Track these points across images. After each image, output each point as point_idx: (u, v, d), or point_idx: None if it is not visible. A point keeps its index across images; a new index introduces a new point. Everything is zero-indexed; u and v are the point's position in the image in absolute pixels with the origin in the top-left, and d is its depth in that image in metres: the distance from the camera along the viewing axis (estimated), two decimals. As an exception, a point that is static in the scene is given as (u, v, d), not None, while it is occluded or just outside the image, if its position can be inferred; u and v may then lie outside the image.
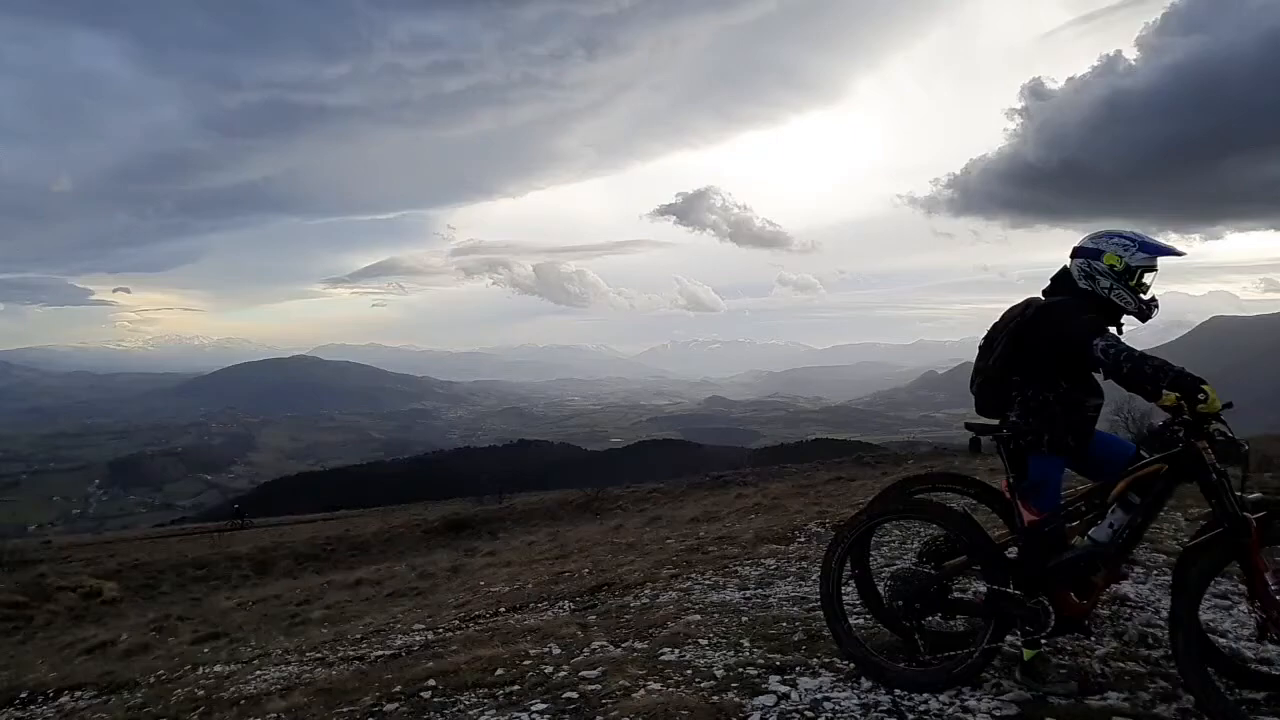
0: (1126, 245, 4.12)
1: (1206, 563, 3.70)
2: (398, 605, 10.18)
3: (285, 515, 54.54)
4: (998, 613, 3.99)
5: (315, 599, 13.01)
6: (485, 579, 10.66)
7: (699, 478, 30.52)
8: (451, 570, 13.54)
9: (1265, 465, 15.99)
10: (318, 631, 8.57)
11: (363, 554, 23.69)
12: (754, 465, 47.25)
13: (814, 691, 4.06)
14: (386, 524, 30.08)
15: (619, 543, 11.72)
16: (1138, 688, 4.15)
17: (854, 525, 4.34)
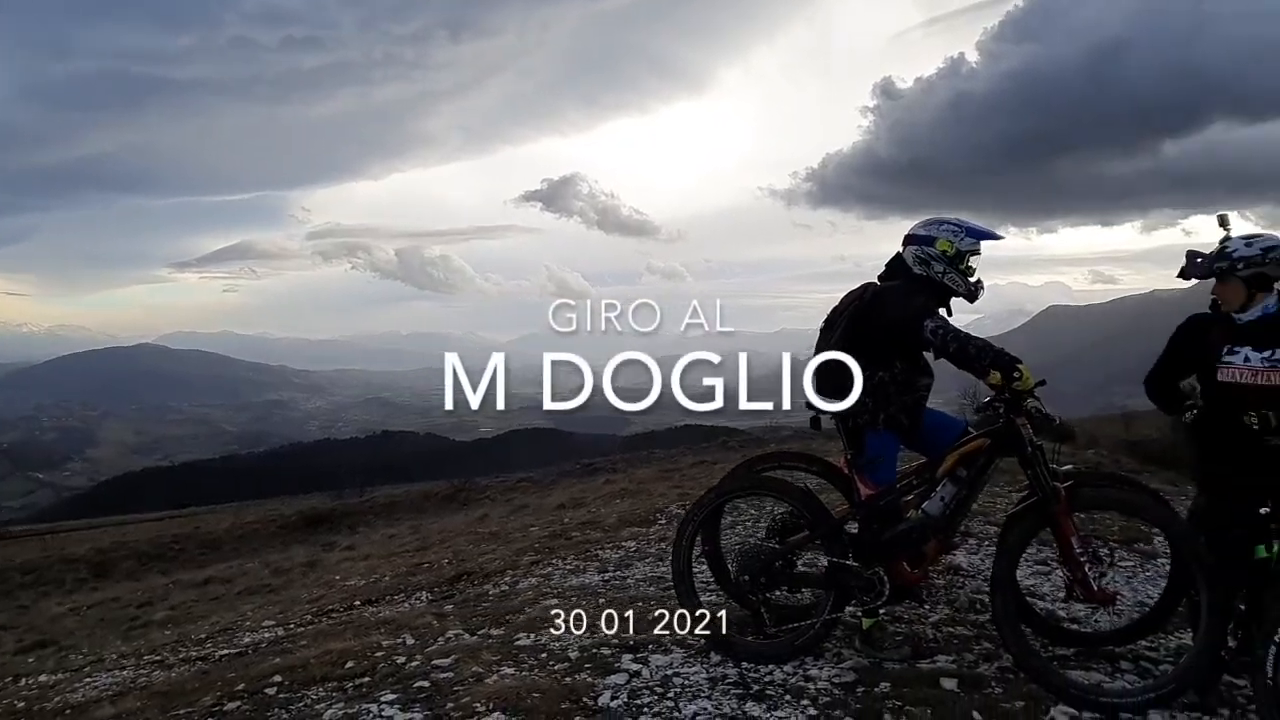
0: (956, 231, 4.36)
1: (1021, 529, 3.99)
2: (248, 603, 9.82)
3: (130, 514, 51.52)
4: (838, 584, 4.17)
5: (159, 600, 12.40)
6: (342, 573, 10.40)
7: (569, 466, 30.50)
8: (308, 566, 13.14)
9: (1092, 443, 17.25)
10: (159, 634, 8.18)
11: (213, 552, 22.64)
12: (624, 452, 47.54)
13: (665, 668, 4.16)
14: (240, 520, 28.81)
15: (482, 532, 11.64)
16: (965, 650, 4.43)
17: (702, 504, 4.45)
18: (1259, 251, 3.76)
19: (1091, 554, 3.98)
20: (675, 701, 3.77)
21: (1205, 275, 3.87)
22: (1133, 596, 5.34)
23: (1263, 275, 3.78)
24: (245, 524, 26.93)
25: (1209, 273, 3.85)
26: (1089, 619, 4.64)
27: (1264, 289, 3.81)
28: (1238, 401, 3.81)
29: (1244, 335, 3.83)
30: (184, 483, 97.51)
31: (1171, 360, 4.09)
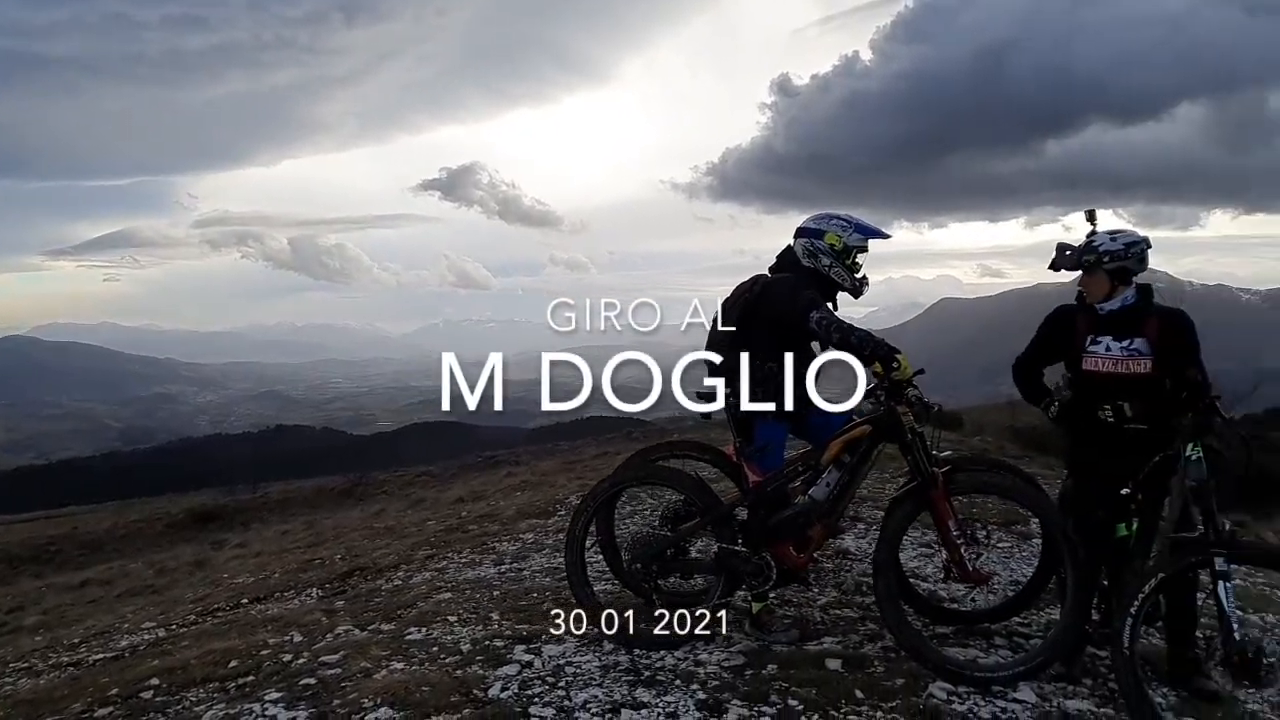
0: (845, 227, 4.47)
1: (902, 514, 4.13)
2: (128, 605, 9.41)
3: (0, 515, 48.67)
4: (727, 570, 4.25)
5: (30, 605, 11.76)
6: (230, 571, 10.06)
7: (471, 459, 30.14)
8: (195, 565, 12.67)
9: (978, 430, 17.94)
10: (29, 640, 7.76)
11: (93, 553, 21.59)
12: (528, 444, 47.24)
13: (557, 658, 4.16)
14: (123, 519, 27.55)
15: (378, 527, 11.41)
16: (850, 631, 4.57)
17: (595, 495, 4.46)
18: (1122, 246, 3.97)
19: (968, 536, 4.15)
20: (567, 690, 3.78)
21: (1074, 267, 4.06)
22: (1008, 576, 5.59)
23: (1124, 269, 3.99)
24: (129, 523, 25.80)
25: (1077, 265, 4.04)
26: (967, 598, 4.83)
27: (1125, 282, 4.02)
28: (1101, 389, 4.02)
29: (1106, 325, 4.05)
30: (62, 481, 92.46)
31: (1039, 349, 4.29)
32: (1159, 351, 3.95)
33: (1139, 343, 3.99)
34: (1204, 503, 3.52)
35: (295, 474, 58.02)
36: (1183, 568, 3.55)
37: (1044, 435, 14.97)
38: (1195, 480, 3.57)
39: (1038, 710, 3.68)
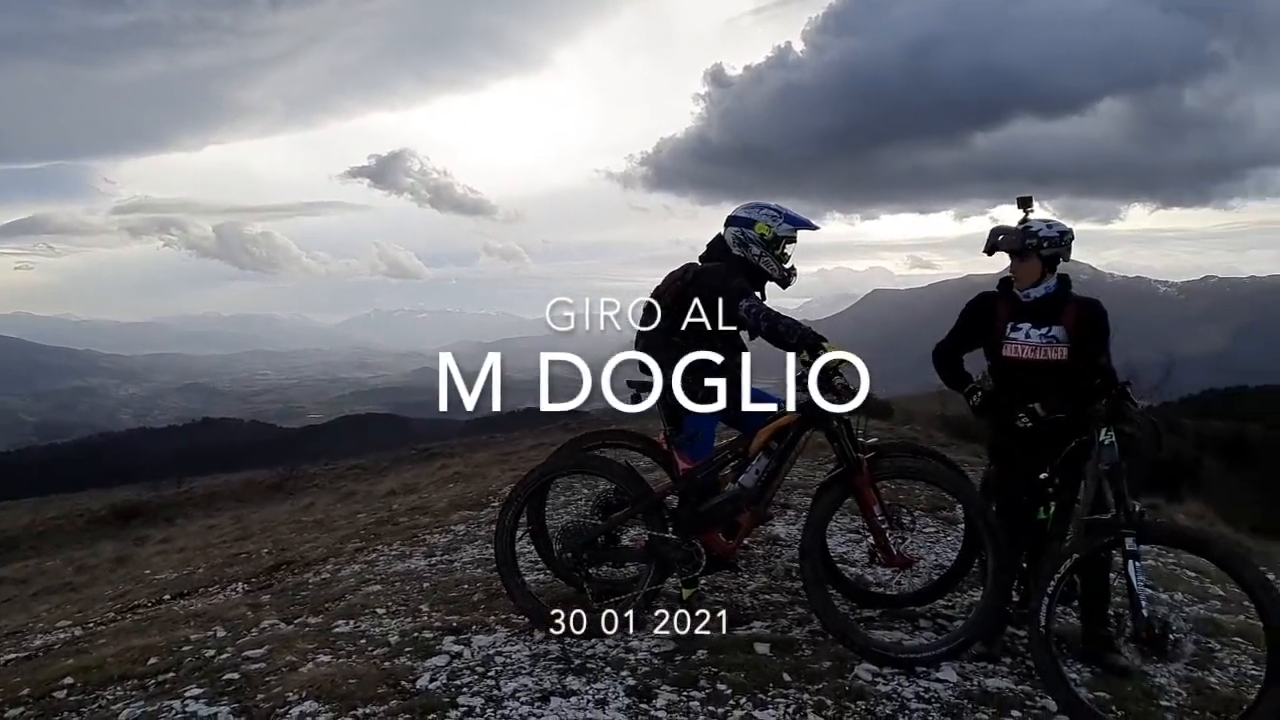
0: (775, 217, 4.51)
1: (828, 499, 4.19)
2: (44, 604, 9.09)
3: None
4: (657, 557, 4.26)
5: (-62, 607, 11.28)
6: (153, 568, 9.78)
7: (404, 451, 29.76)
8: (116, 562, 12.28)
9: (909, 418, 18.31)
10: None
11: (8, 552, 20.78)
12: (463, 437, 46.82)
13: (487, 648, 4.14)
14: (40, 516, 26.57)
15: (306, 521, 11.22)
16: (779, 615, 4.63)
17: (525, 484, 4.44)
18: (1057, 234, 4.08)
19: (893, 521, 4.23)
20: (496, 680, 3.76)
21: (1014, 249, 4.11)
22: (934, 560, 5.71)
23: (1056, 256, 4.11)
24: (46, 520, 24.94)
25: (1020, 247, 4.09)
26: (893, 582, 4.93)
27: (1053, 270, 4.13)
28: (1020, 374, 4.13)
29: (1027, 313, 4.15)
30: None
31: (959, 335, 4.38)
32: (1075, 339, 4.08)
33: (1057, 330, 4.11)
34: (1116, 485, 3.64)
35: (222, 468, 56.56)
36: (1095, 548, 3.67)
37: (971, 423, 15.36)
38: (1108, 464, 3.69)
39: (959, 689, 3.78)
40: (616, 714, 3.46)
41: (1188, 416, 39.77)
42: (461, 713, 3.45)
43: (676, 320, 4.47)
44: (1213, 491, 19.50)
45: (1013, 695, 3.74)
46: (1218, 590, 5.51)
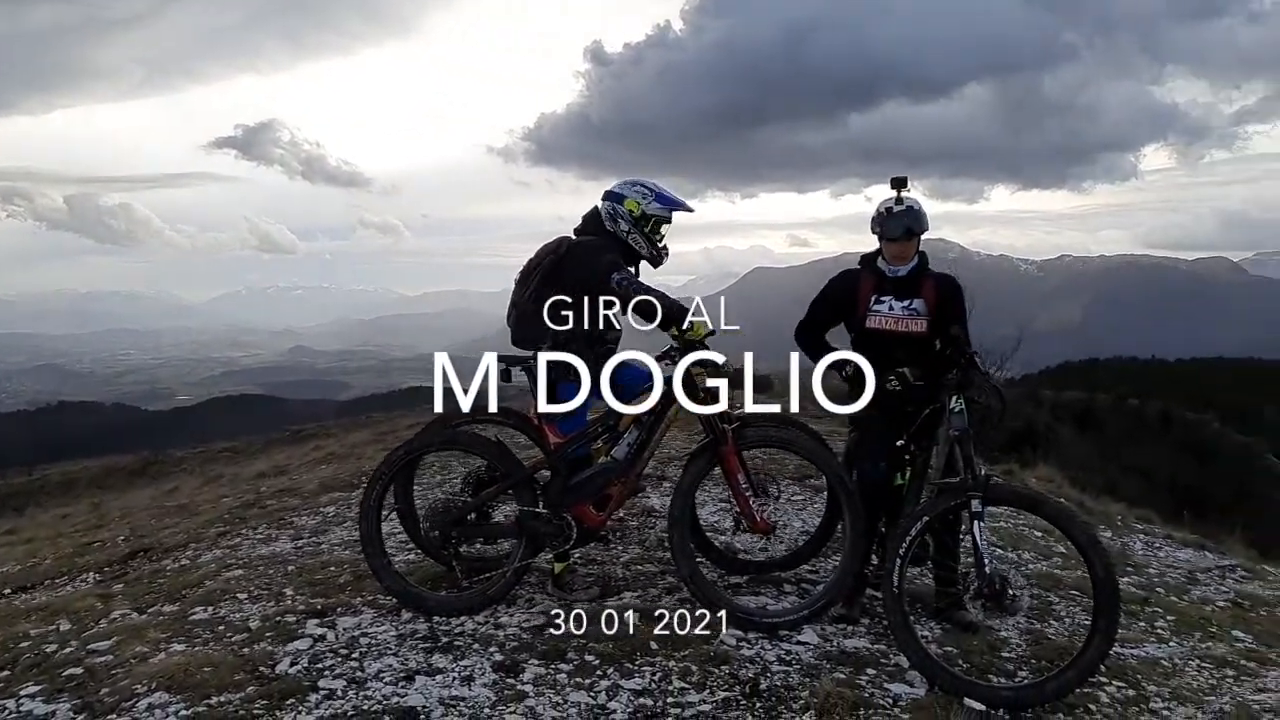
0: (645, 194, 4.51)
1: (695, 469, 4.27)
2: None
3: None
4: (528, 532, 4.25)
5: None
6: (-4, 560, 9.18)
7: (277, 433, 28.76)
8: (-45, 556, 11.48)
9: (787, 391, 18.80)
10: None
11: None
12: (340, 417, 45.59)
13: (352, 629, 4.05)
14: None
15: (169, 506, 10.72)
16: (650, 586, 4.69)
17: (391, 462, 4.35)
18: (926, 215, 4.24)
19: (758, 488, 4.34)
20: (360, 661, 3.69)
21: (922, 231, 4.24)
22: (800, 526, 5.89)
23: (922, 235, 4.28)
24: (-124, 514, 23.09)
25: (913, 229, 4.22)
26: (760, 549, 5.06)
27: (918, 248, 4.30)
28: (883, 345, 4.29)
29: (890, 287, 4.31)
30: None
31: (822, 309, 4.51)
32: (934, 312, 4.26)
33: (917, 303, 4.28)
34: (965, 450, 3.83)
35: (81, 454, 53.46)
36: (944, 511, 3.85)
37: (844, 397, 15.86)
38: (958, 430, 3.87)
39: (819, 650, 3.92)
40: (482, 690, 3.44)
41: (1046, 387, 42.18)
42: (322, 696, 3.37)
43: (549, 293, 4.45)
44: (1066, 456, 20.75)
45: (869, 654, 3.91)
46: (1059, 548, 5.87)
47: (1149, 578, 5.93)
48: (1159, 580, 5.88)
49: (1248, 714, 3.64)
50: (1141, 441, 37.95)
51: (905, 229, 4.23)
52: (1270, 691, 3.95)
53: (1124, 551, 6.80)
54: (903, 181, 4.27)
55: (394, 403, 68.77)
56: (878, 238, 4.32)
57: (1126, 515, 8.71)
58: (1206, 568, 6.49)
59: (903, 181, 4.27)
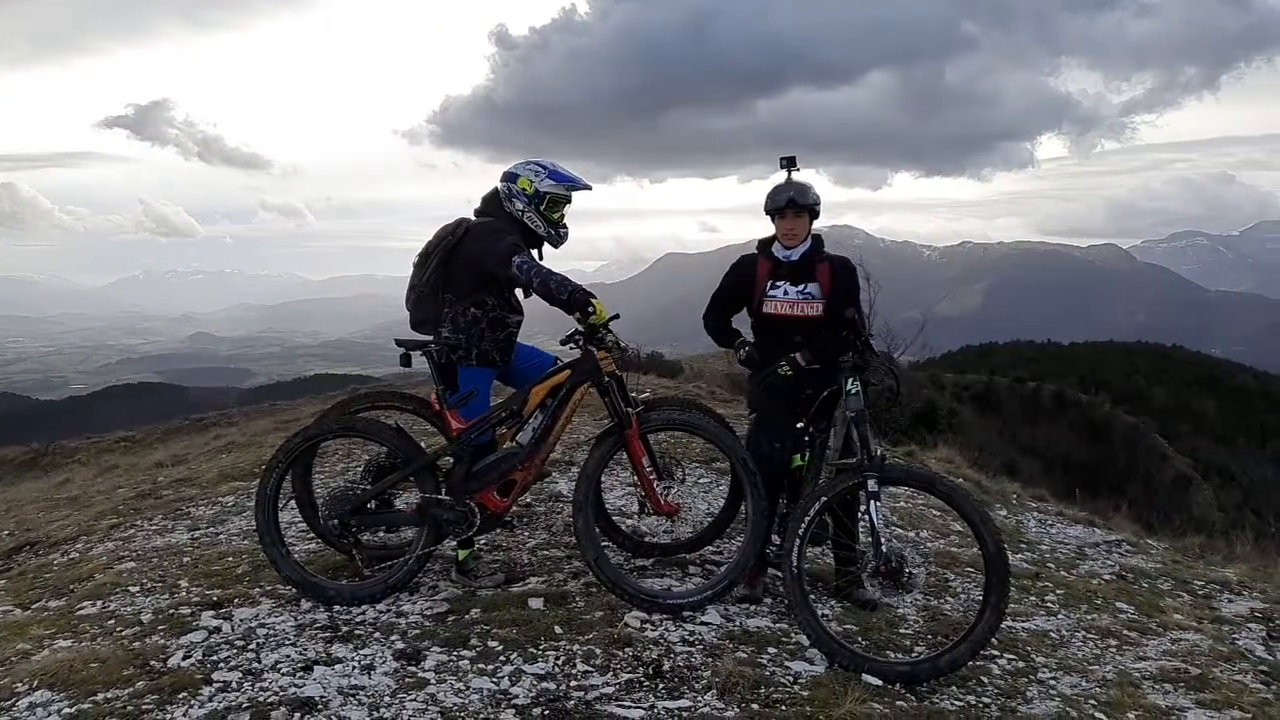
0: (538, 171, 4.47)
1: (599, 453, 4.28)
2: None
3: None
4: (430, 519, 4.20)
5: None
6: None
7: (177, 422, 27.75)
8: None
9: (698, 376, 18.94)
10: None
11: None
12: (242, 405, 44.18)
13: (249, 621, 3.96)
14: None
15: (59, 498, 10.24)
16: (556, 570, 4.69)
17: (287, 450, 4.24)
18: (819, 194, 4.30)
19: (661, 471, 4.37)
20: (257, 652, 3.60)
21: (805, 203, 4.26)
22: (705, 508, 5.96)
23: (816, 215, 4.33)
24: None
25: (807, 201, 4.26)
26: (666, 531, 5.10)
27: (809, 228, 4.37)
28: (780, 329, 4.36)
29: (785, 272, 4.37)
30: None
31: (725, 295, 4.57)
32: (829, 295, 4.34)
33: (812, 287, 4.36)
34: (861, 431, 3.92)
35: (-36, 446, 50.48)
36: (841, 491, 3.93)
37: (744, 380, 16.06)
38: (854, 411, 3.95)
39: (722, 630, 3.98)
40: (383, 678, 3.39)
41: (947, 370, 43.51)
42: (216, 689, 3.28)
43: (448, 276, 4.39)
44: (966, 437, 21.45)
45: (770, 633, 3.98)
46: (956, 526, 6.07)
47: (1041, 554, 6.18)
48: (1050, 556, 6.14)
49: (1129, 681, 3.84)
50: (1038, 422, 39.56)
51: (788, 199, 4.28)
52: (1150, 659, 4.17)
53: (1018, 529, 7.07)
54: (791, 161, 4.33)
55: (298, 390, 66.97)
56: (770, 218, 4.38)
57: (1022, 494, 9.05)
58: (1095, 543, 6.80)
59: (791, 161, 4.33)
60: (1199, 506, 24.29)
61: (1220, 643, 4.44)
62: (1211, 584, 5.62)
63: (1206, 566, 6.31)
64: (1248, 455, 38.84)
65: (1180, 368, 67.37)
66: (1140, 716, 3.47)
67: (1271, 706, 3.64)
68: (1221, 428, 52.55)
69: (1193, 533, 8.63)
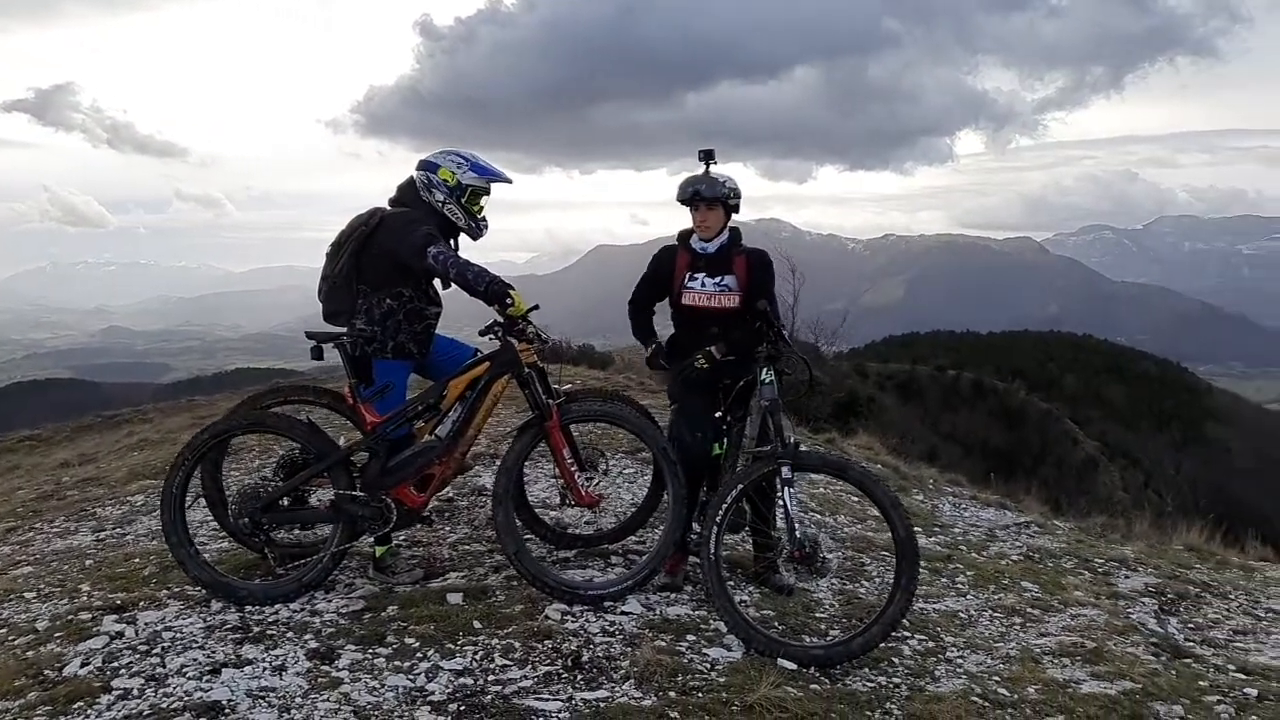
0: (460, 163, 4.41)
1: (519, 445, 4.25)
2: None
3: None
4: (345, 516, 4.12)
5: None
6: None
7: (88, 419, 26.74)
8: None
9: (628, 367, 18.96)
10: None
11: None
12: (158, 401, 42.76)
13: (155, 624, 3.83)
14: None
15: (-46, 502, 9.79)
16: (477, 565, 4.65)
17: (194, 446, 4.11)
18: (736, 187, 4.31)
19: (582, 463, 4.36)
20: (162, 657, 3.48)
21: (714, 196, 4.26)
22: (630, 499, 5.97)
23: (734, 209, 4.36)
24: None
25: (716, 194, 4.26)
26: (589, 522, 5.09)
27: (728, 222, 4.39)
28: (698, 321, 4.39)
29: (703, 264, 4.40)
30: None
31: (648, 286, 4.59)
32: (746, 287, 4.38)
33: (729, 279, 4.39)
34: (775, 419, 3.96)
35: None
36: (756, 478, 3.98)
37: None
38: (768, 400, 4.00)
39: (642, 619, 3.99)
40: (294, 679, 3.32)
41: (871, 360, 44.44)
42: (115, 696, 3.17)
43: (360, 267, 4.31)
44: (889, 425, 21.93)
45: (690, 620, 4.01)
46: (874, 511, 6.18)
47: (954, 536, 6.35)
48: (962, 539, 6.31)
49: (1030, 657, 3.97)
50: (958, 409, 40.68)
51: (694, 191, 4.29)
52: (1050, 635, 4.32)
53: (933, 513, 7.25)
54: (710, 154, 4.34)
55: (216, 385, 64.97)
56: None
57: (938, 479, 9.28)
58: (1005, 525, 7.01)
59: (710, 154, 4.34)
60: (1105, 487, 25.30)
61: (1116, 617, 4.62)
62: (1111, 561, 5.84)
63: (1107, 545, 6.56)
64: (1150, 439, 40.57)
65: (1090, 356, 70.09)
66: (1039, 690, 3.57)
67: (1160, 676, 3.80)
68: (1128, 413, 54.83)
69: (1097, 513, 8.98)
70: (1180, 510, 9.81)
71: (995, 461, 23.00)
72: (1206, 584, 5.60)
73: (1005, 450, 34.23)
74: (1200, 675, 3.91)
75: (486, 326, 4.23)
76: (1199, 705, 3.56)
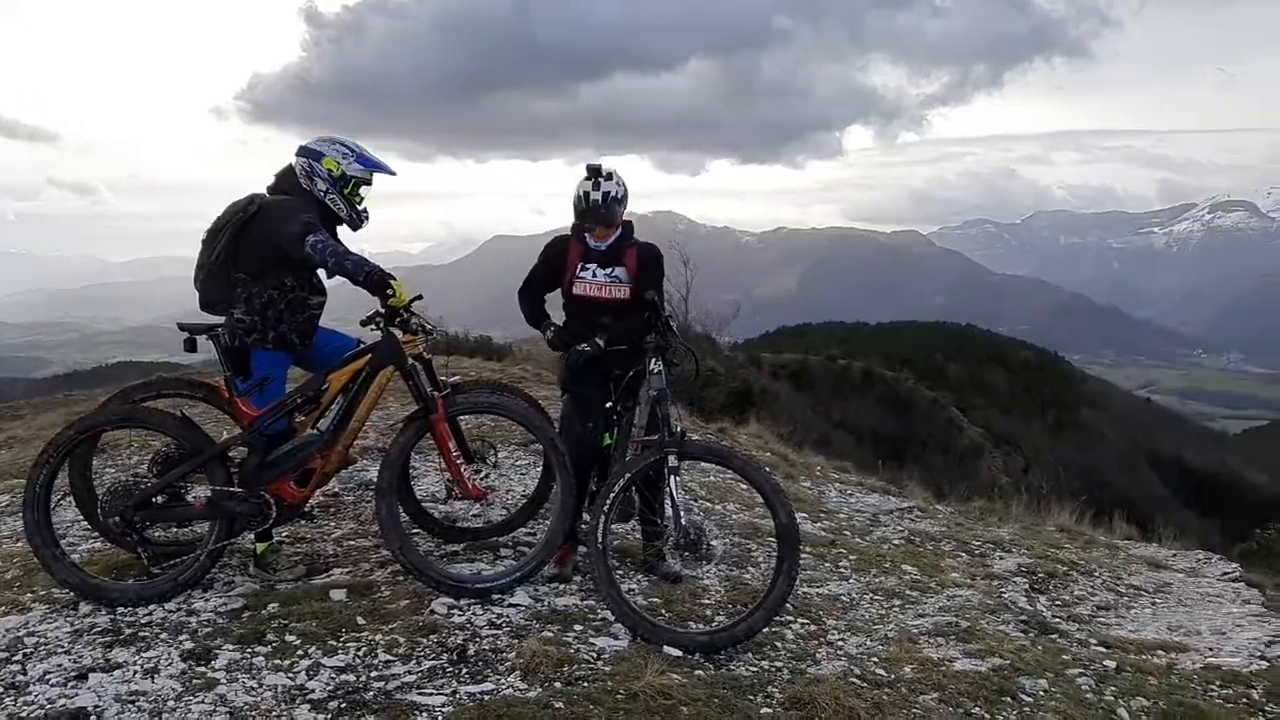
0: (346, 154, 4.32)
1: (404, 438, 4.20)
2: None
3: None
4: (222, 513, 4.00)
5: None
6: None
7: (-52, 416, 25.06)
8: None
9: (527, 358, 18.84)
10: None
11: None
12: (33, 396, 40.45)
13: (16, 630, 3.65)
14: None
15: None
16: (362, 560, 4.58)
17: (59, 442, 3.92)
18: (625, 195, 4.38)
19: (469, 455, 4.34)
20: (23, 664, 3.33)
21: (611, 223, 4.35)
22: (523, 491, 5.96)
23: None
24: None
25: (614, 220, 4.34)
26: (479, 515, 5.07)
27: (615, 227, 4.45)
28: (589, 310, 4.42)
29: (595, 255, 4.44)
30: None
31: (538, 276, 4.60)
32: (635, 279, 4.43)
33: (620, 270, 4.44)
34: (663, 409, 4.03)
35: None
36: (644, 467, 4.03)
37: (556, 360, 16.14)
38: (656, 390, 4.06)
39: (530, 611, 4.00)
40: (168, 681, 3.22)
41: (764, 350, 45.27)
42: (-31, 708, 3.02)
43: (237, 255, 4.17)
44: (782, 414, 22.39)
45: (578, 611, 4.04)
46: (761, 499, 6.33)
47: (839, 522, 6.55)
48: (847, 524, 6.52)
49: (907, 637, 4.14)
50: (849, 398, 41.80)
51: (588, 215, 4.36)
52: (927, 616, 4.51)
53: (820, 499, 7.47)
54: (597, 169, 4.38)
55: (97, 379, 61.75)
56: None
57: (825, 466, 9.56)
58: (889, 510, 7.28)
59: (597, 169, 4.38)
60: (988, 473, 26.39)
61: (989, 597, 4.86)
62: (987, 543, 6.13)
63: (985, 528, 6.88)
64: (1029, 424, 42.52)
65: (974, 346, 73.05)
66: (915, 669, 3.73)
67: (1027, 652, 4.02)
68: (1009, 400, 57.35)
69: (978, 497, 9.39)
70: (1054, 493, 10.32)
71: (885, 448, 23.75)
72: (1074, 563, 5.94)
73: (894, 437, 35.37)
74: (1064, 650, 4.15)
75: (368, 317, 4.16)
76: (1062, 678, 3.79)
